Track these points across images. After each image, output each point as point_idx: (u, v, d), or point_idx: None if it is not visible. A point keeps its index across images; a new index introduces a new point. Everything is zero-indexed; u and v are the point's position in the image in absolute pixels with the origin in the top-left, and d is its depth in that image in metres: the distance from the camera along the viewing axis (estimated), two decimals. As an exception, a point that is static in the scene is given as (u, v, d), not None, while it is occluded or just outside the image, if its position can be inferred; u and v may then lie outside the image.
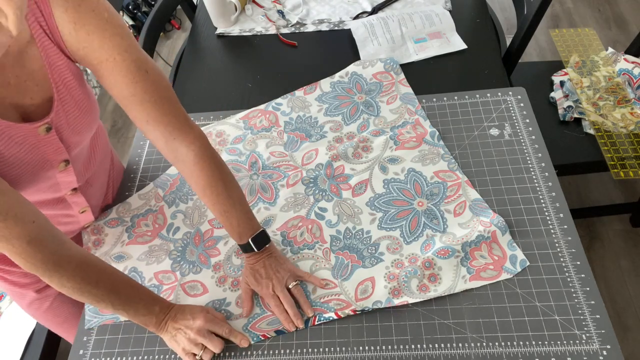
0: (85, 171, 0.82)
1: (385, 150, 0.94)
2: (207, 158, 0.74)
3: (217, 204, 0.75)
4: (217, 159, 0.76)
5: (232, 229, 0.77)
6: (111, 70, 0.65)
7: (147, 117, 0.69)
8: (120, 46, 0.64)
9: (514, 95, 0.98)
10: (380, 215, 0.86)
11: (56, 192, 0.77)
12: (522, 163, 0.88)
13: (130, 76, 0.66)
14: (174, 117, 0.70)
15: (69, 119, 0.69)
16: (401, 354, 0.72)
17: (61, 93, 0.67)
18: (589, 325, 0.70)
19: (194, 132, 0.73)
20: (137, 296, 0.72)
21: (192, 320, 0.73)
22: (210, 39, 1.29)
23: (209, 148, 0.75)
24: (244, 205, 0.77)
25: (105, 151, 0.91)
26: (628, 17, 2.29)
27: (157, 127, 0.70)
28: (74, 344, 0.80)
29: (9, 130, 0.62)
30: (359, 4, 1.29)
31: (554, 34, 1.45)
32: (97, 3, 0.63)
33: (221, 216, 0.76)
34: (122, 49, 0.65)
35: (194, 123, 0.74)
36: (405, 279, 0.77)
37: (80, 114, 0.70)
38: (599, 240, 1.61)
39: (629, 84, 1.30)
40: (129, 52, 0.65)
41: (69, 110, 0.69)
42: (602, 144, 1.20)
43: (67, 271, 0.64)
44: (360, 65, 1.09)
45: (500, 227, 0.79)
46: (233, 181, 0.77)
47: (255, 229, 0.77)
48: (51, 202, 0.79)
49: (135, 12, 2.53)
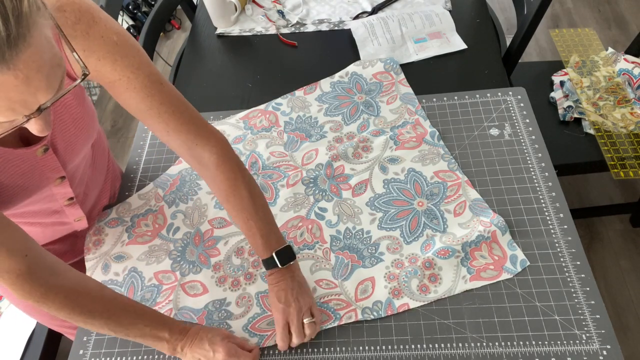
0: (82, 182, 0.82)
1: (385, 150, 0.94)
2: (228, 160, 0.73)
3: (241, 210, 0.73)
4: (239, 163, 0.75)
5: (254, 239, 0.74)
6: (125, 88, 0.65)
7: (166, 127, 0.69)
8: (132, 65, 0.64)
9: (514, 95, 0.98)
10: (380, 215, 0.86)
11: (52, 203, 0.77)
12: (522, 163, 0.88)
13: (145, 91, 0.66)
14: (192, 124, 0.71)
15: (66, 137, 0.69)
16: (401, 354, 0.72)
17: (59, 113, 0.66)
18: (589, 325, 0.70)
19: (215, 136, 0.73)
20: (140, 322, 0.69)
21: (213, 353, 0.70)
22: (210, 39, 1.29)
23: (230, 151, 0.75)
24: (267, 214, 0.75)
25: (103, 159, 0.91)
26: (628, 17, 2.29)
27: (179, 137, 0.70)
28: (74, 343, 0.80)
29: (6, 155, 0.62)
30: (359, 4, 1.29)
31: (554, 34, 1.45)
32: (105, 29, 0.62)
33: (245, 224, 0.73)
34: (134, 68, 0.64)
35: (214, 127, 0.74)
36: (406, 279, 0.77)
37: (76, 131, 0.70)
38: (599, 240, 1.61)
39: (629, 84, 1.30)
40: (141, 69, 0.65)
41: (66, 129, 0.68)
42: (602, 144, 1.20)
43: (54, 303, 0.63)
44: (360, 65, 1.09)
45: (500, 227, 0.79)
46: (256, 187, 0.76)
47: (281, 242, 0.74)
48: (46, 213, 0.78)
49: (135, 12, 2.53)
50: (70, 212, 0.82)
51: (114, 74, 0.64)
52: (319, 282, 0.80)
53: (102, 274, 0.85)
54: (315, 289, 0.79)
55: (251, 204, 0.73)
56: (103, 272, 0.85)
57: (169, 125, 0.69)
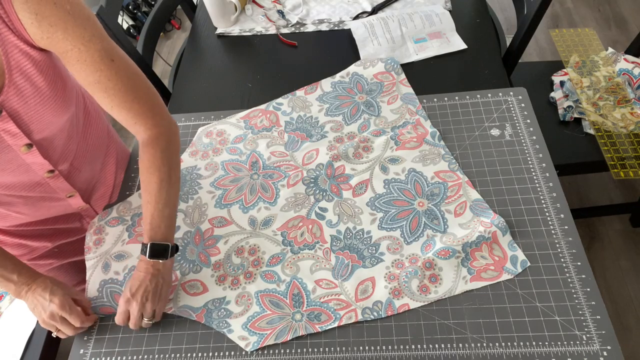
0: (64, 157, 0.83)
1: (385, 150, 0.94)
2: (158, 145, 0.77)
3: (147, 192, 0.77)
4: (171, 154, 0.79)
5: (145, 224, 0.77)
6: (76, 59, 0.68)
7: (111, 103, 0.73)
8: (83, 37, 0.66)
9: (515, 96, 0.98)
10: (380, 215, 0.86)
11: (29, 174, 0.78)
12: (522, 163, 0.88)
13: (95, 65, 0.68)
14: (137, 103, 0.74)
15: (28, 106, 0.70)
16: (401, 354, 0.72)
17: (15, 79, 0.67)
18: (590, 326, 0.70)
19: (158, 121, 0.77)
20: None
21: (48, 302, 0.75)
22: (210, 39, 1.29)
23: (168, 139, 0.78)
24: (169, 209, 0.77)
25: (97, 137, 0.92)
26: (628, 17, 2.29)
27: (120, 113, 0.74)
28: (74, 343, 0.80)
29: None
30: (359, 4, 1.29)
31: (554, 34, 1.45)
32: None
33: (144, 206, 0.77)
34: (85, 40, 0.67)
35: (165, 112, 0.79)
36: (406, 279, 0.77)
37: (40, 100, 0.71)
38: (599, 240, 1.61)
39: (629, 84, 1.30)
40: (92, 42, 0.67)
41: (27, 96, 0.69)
42: (602, 144, 1.20)
43: None
44: (361, 65, 1.09)
45: (501, 227, 0.79)
46: (175, 184, 0.79)
47: (164, 239, 0.76)
48: (28, 185, 0.80)
49: (135, 12, 2.52)
50: (56, 185, 0.83)
51: (66, 43, 0.66)
52: (319, 282, 0.80)
53: (102, 273, 0.85)
54: (315, 288, 0.79)
55: (157, 193, 0.76)
56: (103, 271, 0.85)
57: (114, 101, 0.72)
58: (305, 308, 0.77)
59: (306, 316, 0.76)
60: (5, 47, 0.65)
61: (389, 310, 0.75)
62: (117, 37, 1.16)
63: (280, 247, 0.84)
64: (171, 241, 0.78)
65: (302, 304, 0.78)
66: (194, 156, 0.99)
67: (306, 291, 0.79)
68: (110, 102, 0.72)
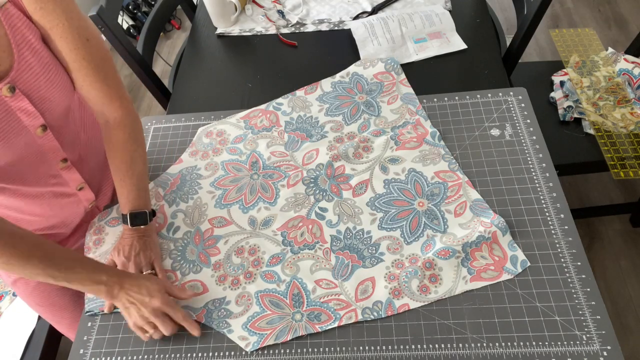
0: (74, 144, 0.84)
1: (385, 150, 0.94)
2: (125, 126, 0.82)
3: (119, 170, 0.82)
4: (137, 134, 0.84)
5: (121, 198, 0.83)
6: (60, 36, 0.70)
7: (82, 82, 0.76)
8: (67, 12, 0.70)
9: (515, 96, 0.98)
10: (380, 215, 0.86)
11: (45, 165, 0.79)
12: (523, 163, 0.88)
13: (74, 42, 0.71)
14: (105, 85, 0.78)
15: (39, 82, 0.71)
16: (401, 354, 0.72)
17: (24, 55, 0.68)
18: (590, 326, 0.70)
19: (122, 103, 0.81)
20: (78, 266, 0.72)
21: (149, 298, 0.73)
22: (210, 39, 1.29)
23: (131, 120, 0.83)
24: (141, 182, 0.84)
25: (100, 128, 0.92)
26: (628, 17, 2.29)
27: (90, 92, 0.78)
28: (74, 343, 0.80)
29: None
30: (359, 4, 1.29)
31: (554, 34, 1.45)
32: None
33: (118, 183, 0.83)
34: (68, 16, 0.70)
35: (125, 95, 0.83)
36: (406, 279, 0.77)
37: (49, 77, 0.72)
38: (599, 241, 1.61)
39: (629, 84, 1.30)
40: (74, 19, 0.71)
41: (36, 72, 0.70)
42: (602, 144, 1.20)
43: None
44: (361, 65, 1.09)
45: (501, 227, 0.79)
46: (141, 157, 0.84)
47: (141, 207, 0.82)
48: (44, 177, 0.80)
49: (135, 12, 2.53)
50: (68, 176, 0.84)
51: (54, 16, 0.69)
52: (319, 282, 0.80)
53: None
54: (315, 289, 0.79)
55: (129, 168, 0.82)
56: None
57: (85, 81, 0.76)
58: (305, 308, 0.78)
59: (306, 316, 0.76)
60: (10, 20, 0.66)
61: (389, 310, 0.75)
62: (117, 37, 1.16)
63: (280, 247, 0.84)
64: (148, 208, 0.84)
65: (302, 304, 0.78)
66: (194, 156, 0.99)
67: (306, 291, 0.79)
68: (83, 82, 0.76)
